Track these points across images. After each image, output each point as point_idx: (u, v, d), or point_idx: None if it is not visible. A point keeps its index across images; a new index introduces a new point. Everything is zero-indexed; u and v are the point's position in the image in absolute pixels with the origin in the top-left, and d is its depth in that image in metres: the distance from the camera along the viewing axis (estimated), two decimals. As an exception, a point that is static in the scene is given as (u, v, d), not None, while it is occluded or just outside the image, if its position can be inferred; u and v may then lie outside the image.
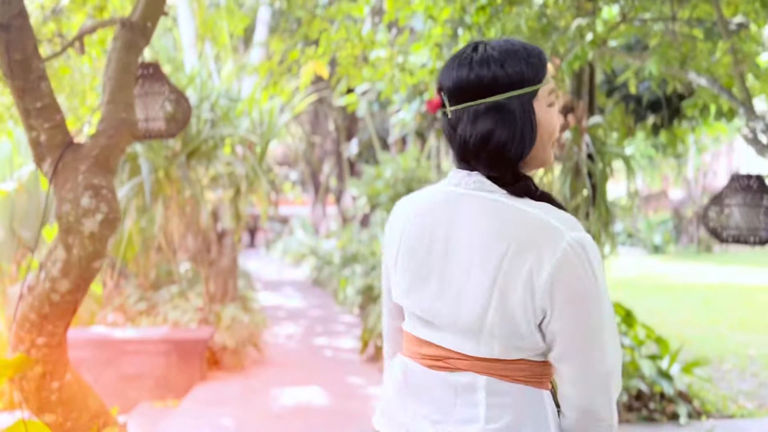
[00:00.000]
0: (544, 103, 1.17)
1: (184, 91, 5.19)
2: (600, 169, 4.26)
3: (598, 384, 1.15)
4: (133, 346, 5.27)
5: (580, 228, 1.13)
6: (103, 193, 1.92)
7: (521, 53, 1.16)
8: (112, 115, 2.05)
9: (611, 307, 1.14)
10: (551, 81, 1.18)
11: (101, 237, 1.92)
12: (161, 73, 2.50)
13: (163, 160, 5.16)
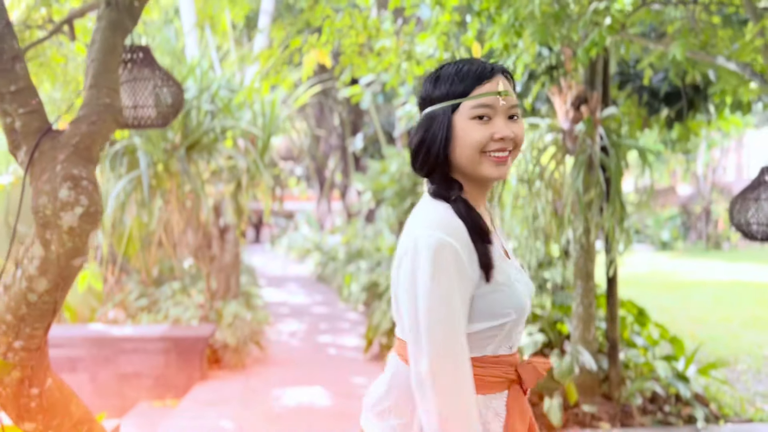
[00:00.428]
0: (466, 116, 1.27)
1: (184, 81, 5.04)
2: (614, 163, 4.09)
3: (415, 383, 1.21)
4: (131, 344, 5.13)
5: (434, 229, 1.22)
6: (83, 185, 1.76)
7: (451, 73, 1.30)
8: (94, 100, 1.89)
9: (440, 313, 1.18)
10: (485, 98, 1.26)
11: (81, 232, 1.76)
12: (151, 57, 2.34)
13: (162, 153, 5.01)
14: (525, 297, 1.29)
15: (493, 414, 1.29)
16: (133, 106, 2.25)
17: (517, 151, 1.33)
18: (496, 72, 1.29)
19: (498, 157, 1.27)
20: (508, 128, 1.28)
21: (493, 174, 1.28)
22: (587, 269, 4.28)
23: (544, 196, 4.36)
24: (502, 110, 1.28)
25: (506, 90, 1.28)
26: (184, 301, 7.23)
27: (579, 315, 4.25)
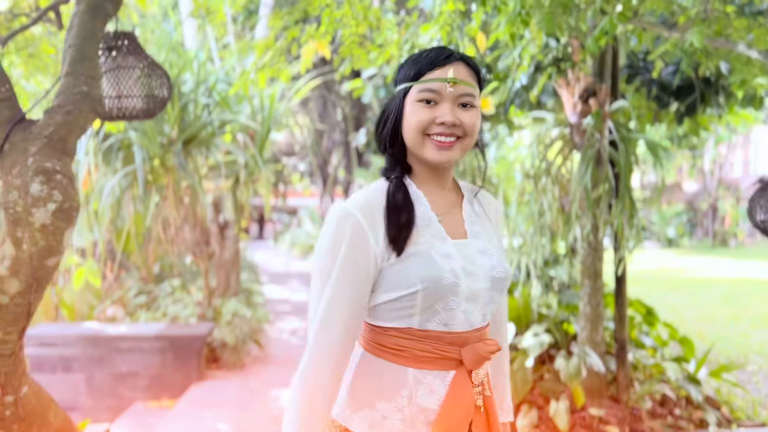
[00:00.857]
0: (413, 99, 1.33)
1: (181, 74, 4.91)
2: (624, 158, 3.94)
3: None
4: (127, 342, 5.02)
5: (349, 203, 1.31)
6: (56, 179, 1.63)
7: (411, 58, 1.37)
8: (70, 88, 1.76)
9: (326, 273, 1.28)
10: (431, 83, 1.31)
11: (55, 230, 1.63)
12: (137, 44, 2.21)
13: (158, 147, 4.89)
14: (443, 271, 1.28)
15: (427, 390, 1.30)
16: (117, 96, 2.12)
17: (469, 139, 1.34)
18: (452, 60, 1.33)
19: (440, 141, 1.31)
20: (452, 114, 1.31)
21: (433, 158, 1.33)
22: (595, 268, 4.14)
23: (550, 192, 4.22)
24: (450, 97, 1.32)
25: (455, 78, 1.31)
26: (184, 298, 7.12)
27: (586, 315, 4.11)
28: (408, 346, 1.31)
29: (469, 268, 1.32)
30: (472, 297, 1.31)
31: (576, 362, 3.80)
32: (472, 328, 1.33)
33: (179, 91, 4.95)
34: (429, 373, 1.31)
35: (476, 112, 1.35)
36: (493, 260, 1.36)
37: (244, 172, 5.33)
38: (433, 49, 1.36)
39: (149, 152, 4.95)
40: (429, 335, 1.30)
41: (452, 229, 1.37)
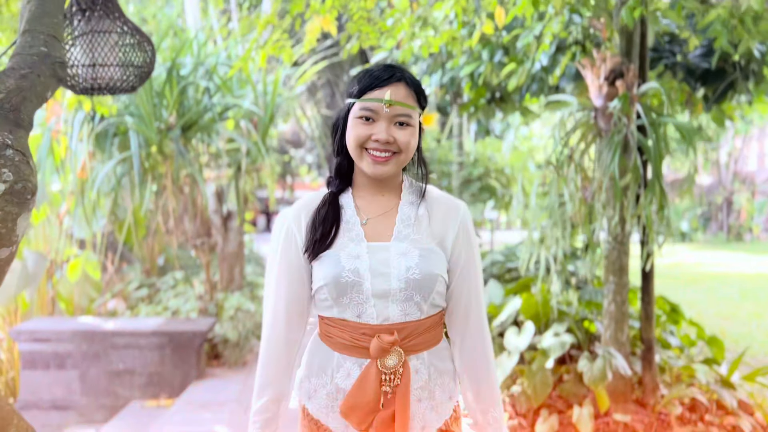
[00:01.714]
0: (354, 115, 1.46)
1: (179, 55, 4.64)
2: (654, 144, 3.65)
3: None
4: (123, 338, 4.78)
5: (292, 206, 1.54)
6: (7, 155, 1.36)
7: (359, 75, 1.48)
8: (27, 48, 1.49)
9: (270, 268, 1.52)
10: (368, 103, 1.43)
11: (5, 216, 1.36)
12: (116, 6, 1.94)
13: (155, 133, 4.63)
14: (343, 271, 1.42)
15: (345, 373, 1.46)
16: (91, 65, 1.85)
17: (404, 155, 1.45)
18: (391, 81, 1.43)
19: (375, 156, 1.44)
20: (387, 132, 1.42)
21: (369, 170, 1.46)
22: (620, 263, 3.85)
23: (572, 181, 3.93)
24: (386, 116, 1.43)
25: (391, 100, 1.41)
26: (186, 292, 6.88)
27: (611, 313, 3.83)
28: (333, 333, 1.48)
29: (379, 268, 1.44)
30: (381, 295, 1.43)
31: (601, 364, 3.52)
32: (387, 322, 1.43)
33: (178, 74, 4.69)
34: (348, 358, 1.46)
35: (412, 131, 1.46)
36: (411, 262, 1.44)
37: (247, 161, 5.07)
38: (377, 68, 1.46)
39: (146, 138, 4.69)
40: (347, 324, 1.45)
41: (376, 233, 1.49)
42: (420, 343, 1.46)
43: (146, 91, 4.50)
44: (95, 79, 1.87)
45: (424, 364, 1.47)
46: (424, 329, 1.47)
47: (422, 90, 1.50)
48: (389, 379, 1.43)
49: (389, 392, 1.43)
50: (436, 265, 1.45)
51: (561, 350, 3.66)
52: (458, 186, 7.28)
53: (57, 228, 6.22)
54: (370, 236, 1.48)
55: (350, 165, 1.54)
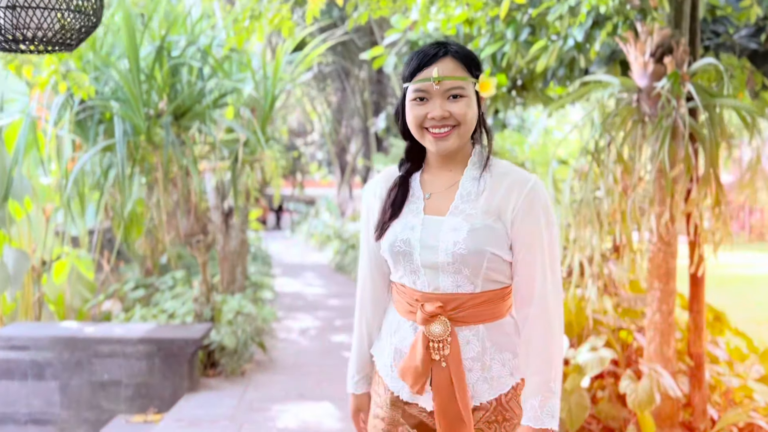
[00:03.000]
0: (409, 98, 1.50)
1: (170, 33, 4.19)
2: (709, 130, 3.15)
3: None
4: (108, 346, 4.34)
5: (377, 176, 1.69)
6: None
7: (408, 58, 1.53)
8: None
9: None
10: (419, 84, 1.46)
11: None
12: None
13: (143, 119, 4.18)
14: (397, 240, 1.50)
15: (402, 336, 1.54)
16: (10, 6, 1.39)
17: (464, 127, 1.46)
18: (437, 58, 1.45)
19: (434, 133, 1.46)
20: (441, 108, 1.45)
21: (432, 148, 1.50)
22: (667, 267, 3.36)
23: (612, 172, 3.44)
24: (438, 92, 1.45)
25: (439, 76, 1.43)
26: (186, 293, 6.45)
27: (655, 325, 3.34)
28: (397, 297, 1.58)
29: (428, 241, 1.47)
30: (431, 266, 1.47)
31: (647, 385, 3.03)
32: (438, 291, 1.48)
33: (169, 53, 4.24)
34: (406, 322, 1.54)
35: (467, 101, 1.45)
36: (459, 237, 1.44)
37: (244, 151, 4.61)
38: (423, 47, 1.48)
39: (134, 126, 4.25)
40: (405, 289, 1.54)
41: (436, 207, 1.52)
42: (472, 315, 1.47)
43: (133, 72, 4.06)
44: (17, 27, 1.41)
45: (478, 337, 1.47)
46: (480, 303, 1.47)
47: (473, 59, 1.48)
48: (437, 347, 1.46)
49: (440, 359, 1.46)
50: (486, 241, 1.44)
51: (599, 367, 3.18)
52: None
53: (44, 224, 5.80)
54: (430, 210, 1.52)
55: (419, 146, 1.56)
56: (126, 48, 3.98)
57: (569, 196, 3.43)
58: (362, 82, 16.30)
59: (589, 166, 3.41)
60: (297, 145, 26.35)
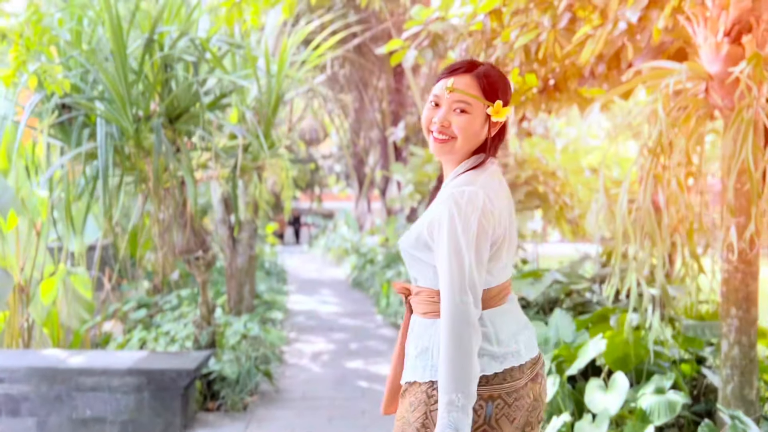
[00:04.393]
0: (428, 99, 1.65)
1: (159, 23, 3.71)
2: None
3: None
4: (91, 378, 3.84)
5: None
6: None
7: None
8: None
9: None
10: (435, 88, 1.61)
11: None
12: None
13: (131, 122, 3.70)
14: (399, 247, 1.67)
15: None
16: None
17: (459, 142, 1.57)
18: (459, 71, 1.58)
19: (435, 137, 1.58)
20: (444, 116, 1.57)
21: (430, 150, 1.64)
22: (747, 291, 2.78)
23: (673, 176, 2.87)
24: (448, 102, 1.57)
25: (452, 87, 1.55)
26: (189, 313, 5.96)
27: (733, 360, 2.75)
28: None
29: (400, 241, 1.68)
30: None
31: (731, 439, 2.44)
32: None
33: (160, 46, 3.76)
34: None
35: (469, 118, 1.56)
36: (403, 239, 1.65)
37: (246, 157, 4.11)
38: (457, 62, 1.63)
39: (121, 129, 3.77)
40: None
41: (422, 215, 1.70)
42: (415, 305, 1.65)
43: (118, 68, 3.58)
44: None
45: (414, 325, 1.65)
46: (416, 297, 1.64)
47: (494, 84, 1.57)
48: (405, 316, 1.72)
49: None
50: (410, 243, 1.60)
51: (669, 414, 2.59)
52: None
53: (34, 240, 5.35)
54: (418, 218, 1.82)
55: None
56: (109, 38, 3.52)
57: (625, 205, 2.85)
58: (380, 92, 15.83)
59: (649, 169, 2.85)
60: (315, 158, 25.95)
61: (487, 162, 1.58)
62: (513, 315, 1.60)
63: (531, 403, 1.53)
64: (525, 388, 1.52)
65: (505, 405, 1.49)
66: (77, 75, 3.85)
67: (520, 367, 1.53)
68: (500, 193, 1.56)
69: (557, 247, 14.88)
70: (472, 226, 1.47)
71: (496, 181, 1.57)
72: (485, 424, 1.47)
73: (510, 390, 1.50)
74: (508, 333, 1.55)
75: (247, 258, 6.42)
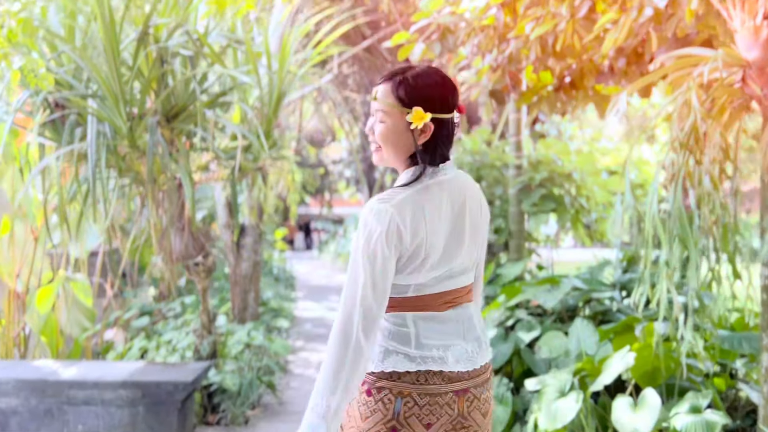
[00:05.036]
0: None
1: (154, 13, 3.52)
2: None
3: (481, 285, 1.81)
4: (84, 391, 3.63)
5: None
6: None
7: None
8: None
9: None
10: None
11: None
12: None
13: (124, 121, 3.51)
14: None
15: None
16: None
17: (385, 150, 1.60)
18: (382, 81, 1.60)
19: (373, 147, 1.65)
20: (370, 126, 1.62)
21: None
22: (790, 298, 2.52)
23: (708, 172, 2.63)
24: (372, 111, 1.62)
25: (374, 96, 1.59)
26: (193, 321, 5.76)
27: (776, 376, 2.50)
28: None
29: None
30: None
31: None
32: None
33: (155, 40, 3.57)
34: None
35: (385, 126, 1.57)
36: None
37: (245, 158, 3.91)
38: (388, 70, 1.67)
39: (114, 128, 3.58)
40: None
41: None
42: None
43: (109, 63, 3.39)
44: None
45: None
46: None
47: (411, 91, 1.55)
48: None
49: None
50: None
51: (706, 435, 2.34)
52: (515, 194, 6.00)
53: (32, 245, 5.17)
54: None
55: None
56: (99, 30, 3.32)
57: (656, 206, 2.61)
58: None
59: (680, 167, 2.61)
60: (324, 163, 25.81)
61: (424, 175, 1.55)
62: (448, 325, 1.58)
63: (456, 418, 1.53)
64: (444, 397, 1.52)
65: (415, 405, 1.50)
66: (70, 71, 3.66)
67: (441, 375, 1.52)
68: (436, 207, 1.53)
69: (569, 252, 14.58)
70: (372, 245, 1.48)
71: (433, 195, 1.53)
72: (394, 420, 1.49)
73: (422, 392, 1.50)
74: (433, 340, 1.55)
75: (252, 264, 6.22)
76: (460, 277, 1.61)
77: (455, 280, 1.60)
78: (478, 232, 1.63)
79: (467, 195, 1.60)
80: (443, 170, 1.58)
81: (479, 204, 1.64)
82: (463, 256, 1.59)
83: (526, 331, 3.69)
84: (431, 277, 1.55)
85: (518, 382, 3.54)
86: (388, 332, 1.56)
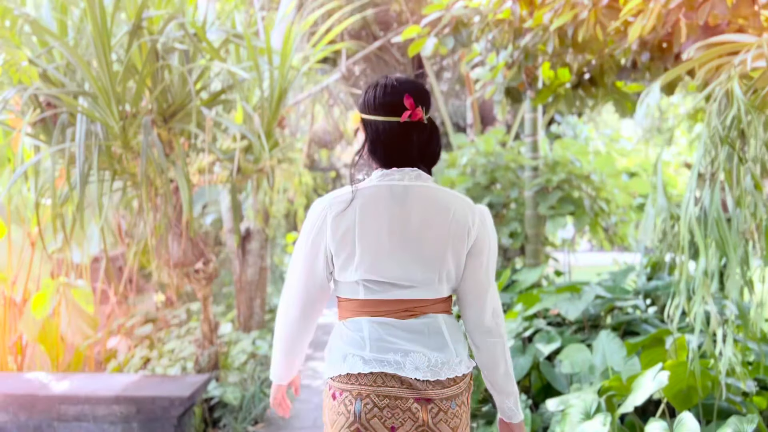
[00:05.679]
0: None
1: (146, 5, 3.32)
2: None
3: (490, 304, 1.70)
4: (75, 406, 3.43)
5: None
6: None
7: None
8: None
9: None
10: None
11: None
12: None
13: (116, 120, 3.31)
14: None
15: None
16: None
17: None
18: None
19: None
20: None
21: None
22: None
23: (748, 171, 2.38)
24: None
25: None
26: (196, 330, 5.57)
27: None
28: None
29: None
30: None
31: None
32: None
33: (149, 34, 3.37)
34: None
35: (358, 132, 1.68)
36: None
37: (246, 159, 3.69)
38: None
39: (106, 128, 3.38)
40: None
41: None
42: None
43: (99, 59, 3.19)
44: None
45: None
46: None
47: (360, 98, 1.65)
48: None
49: None
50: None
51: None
52: (531, 197, 5.75)
53: (29, 250, 5.00)
54: None
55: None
56: (89, 22, 3.13)
57: (692, 207, 2.36)
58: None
59: (720, 164, 2.35)
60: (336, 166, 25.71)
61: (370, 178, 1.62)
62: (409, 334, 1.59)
63: (421, 426, 1.53)
64: (405, 402, 1.53)
65: (375, 407, 1.52)
66: (61, 68, 3.48)
67: (399, 378, 1.54)
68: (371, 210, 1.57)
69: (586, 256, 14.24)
70: (302, 233, 1.64)
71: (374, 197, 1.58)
72: (357, 422, 1.52)
73: (380, 393, 1.53)
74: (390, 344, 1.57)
75: (258, 270, 6.01)
76: (421, 288, 1.60)
77: (414, 290, 1.60)
78: (439, 245, 1.59)
79: (426, 205, 1.59)
80: (393, 175, 1.61)
81: (450, 218, 1.60)
82: (410, 266, 1.58)
83: (545, 342, 3.44)
84: (367, 278, 1.57)
85: (537, 398, 3.29)
86: (346, 337, 1.61)
